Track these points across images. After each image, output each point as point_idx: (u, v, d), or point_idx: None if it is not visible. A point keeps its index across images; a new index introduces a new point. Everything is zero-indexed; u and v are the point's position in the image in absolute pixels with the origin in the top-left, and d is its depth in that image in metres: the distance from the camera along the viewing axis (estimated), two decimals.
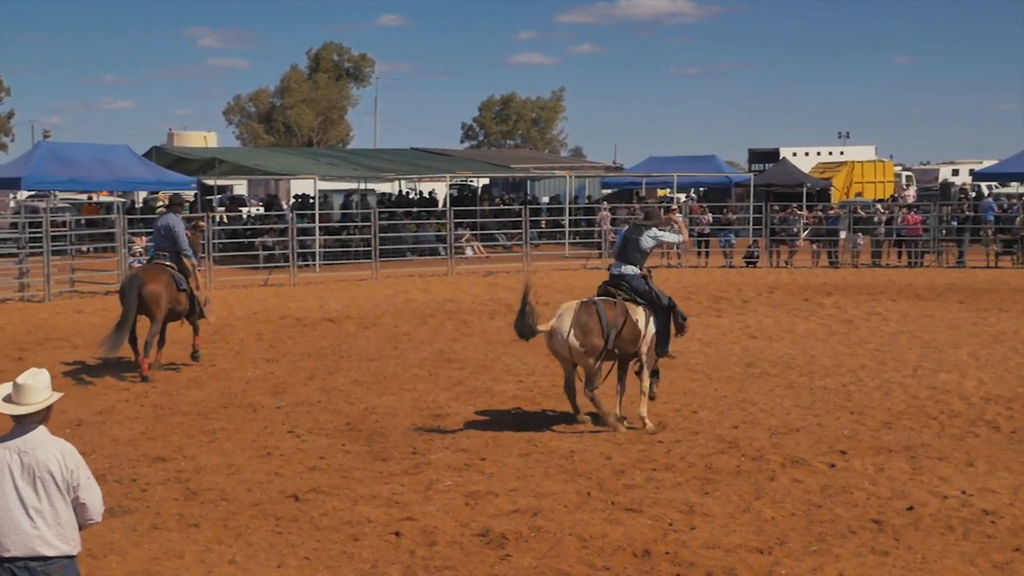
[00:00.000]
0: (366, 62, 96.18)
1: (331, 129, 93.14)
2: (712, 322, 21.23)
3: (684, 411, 13.38)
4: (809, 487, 10.11)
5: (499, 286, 27.51)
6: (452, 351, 18.05)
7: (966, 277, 29.32)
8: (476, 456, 11.30)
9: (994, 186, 51.68)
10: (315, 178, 35.16)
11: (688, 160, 49.84)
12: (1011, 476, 10.40)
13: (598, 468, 10.79)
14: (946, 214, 35.50)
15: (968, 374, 15.57)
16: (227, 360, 17.28)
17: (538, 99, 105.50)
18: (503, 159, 56.35)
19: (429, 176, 43.76)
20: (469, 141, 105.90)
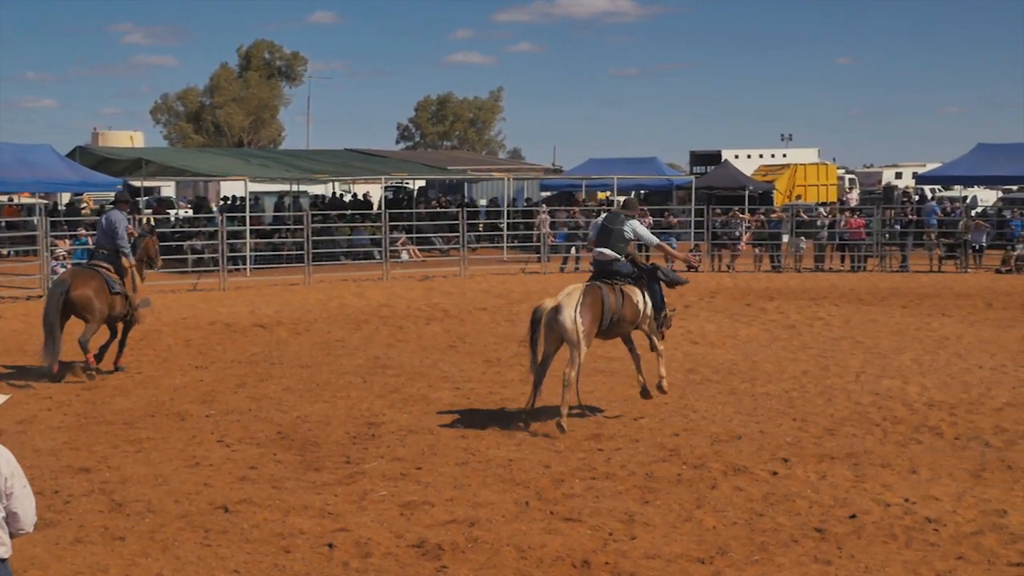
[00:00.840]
0: (298, 60, 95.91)
1: (262, 129, 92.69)
2: None
3: (625, 418, 13.43)
4: (751, 495, 10.18)
5: (435, 291, 27.50)
6: (387, 357, 18.01)
7: (909, 281, 29.70)
8: (412, 465, 11.28)
9: (937, 189, 52.37)
10: (246, 179, 34.93)
11: (628, 162, 50.12)
12: (954, 483, 10.54)
13: (537, 477, 10.81)
14: (889, 218, 35.94)
15: (911, 380, 15.76)
16: (154, 367, 17.12)
17: (475, 99, 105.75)
18: (440, 160, 56.31)
19: (363, 178, 43.64)
20: (405, 142, 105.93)
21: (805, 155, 68.09)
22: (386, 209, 34.87)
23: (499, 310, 24.11)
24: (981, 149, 40.64)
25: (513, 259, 35.11)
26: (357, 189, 50.66)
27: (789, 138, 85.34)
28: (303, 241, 29.88)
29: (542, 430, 12.72)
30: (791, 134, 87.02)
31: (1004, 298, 25.89)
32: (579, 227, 35.07)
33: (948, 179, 44.36)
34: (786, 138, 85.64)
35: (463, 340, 19.89)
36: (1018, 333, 20.29)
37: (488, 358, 17.89)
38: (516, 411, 13.55)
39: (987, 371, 16.47)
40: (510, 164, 69.03)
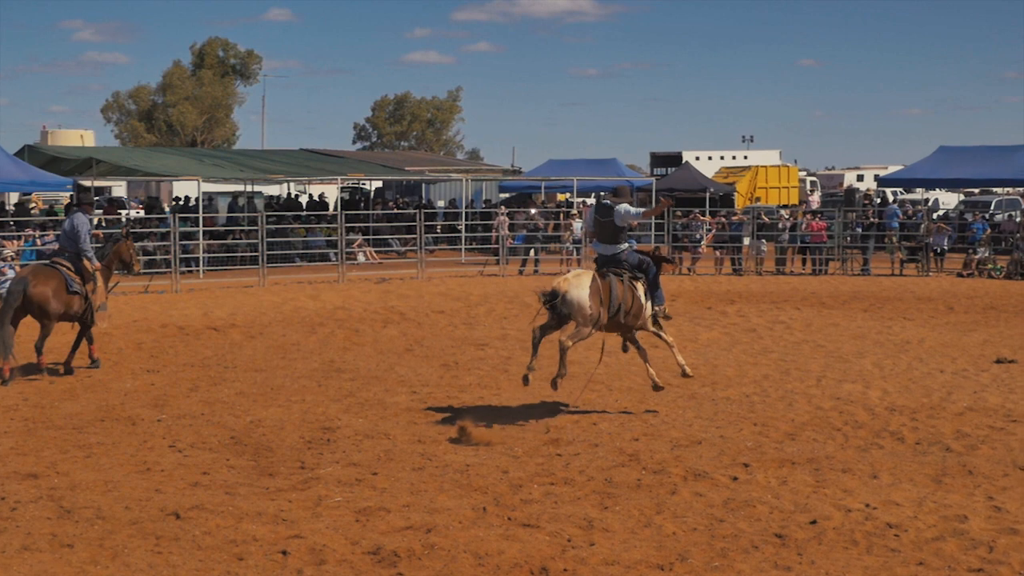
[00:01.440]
0: (253, 59, 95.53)
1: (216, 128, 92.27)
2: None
3: (583, 423, 13.45)
4: (711, 501, 10.22)
5: (392, 293, 27.46)
6: (343, 361, 17.96)
7: (871, 285, 29.92)
8: (367, 471, 11.25)
9: (899, 192, 52.81)
10: (199, 180, 34.75)
11: (588, 164, 50.29)
12: (915, 488, 10.62)
13: (495, 482, 10.80)
14: (851, 220, 36.19)
15: (873, 384, 15.87)
16: (105, 370, 17.00)
17: (433, 99, 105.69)
18: (397, 161, 56.22)
19: (319, 178, 43.49)
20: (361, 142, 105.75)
21: (767, 157, 68.50)
22: (342, 210, 34.77)
23: (457, 313, 24.10)
24: (943, 152, 40.99)
25: (471, 261, 35.13)
26: (313, 190, 50.51)
27: (751, 140, 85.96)
28: (257, 243, 29.76)
29: (498, 438, 12.73)
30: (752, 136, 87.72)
31: (966, 301, 26.12)
32: (538, 229, 35.12)
33: (910, 182, 44.74)
34: (747, 140, 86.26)
35: (420, 343, 19.86)
36: (979, 337, 20.47)
37: (446, 362, 17.88)
38: (475, 417, 13.55)
39: (948, 375, 16.61)
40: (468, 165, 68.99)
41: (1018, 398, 14.81)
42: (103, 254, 17.42)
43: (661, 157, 67.56)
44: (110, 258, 17.46)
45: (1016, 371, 16.90)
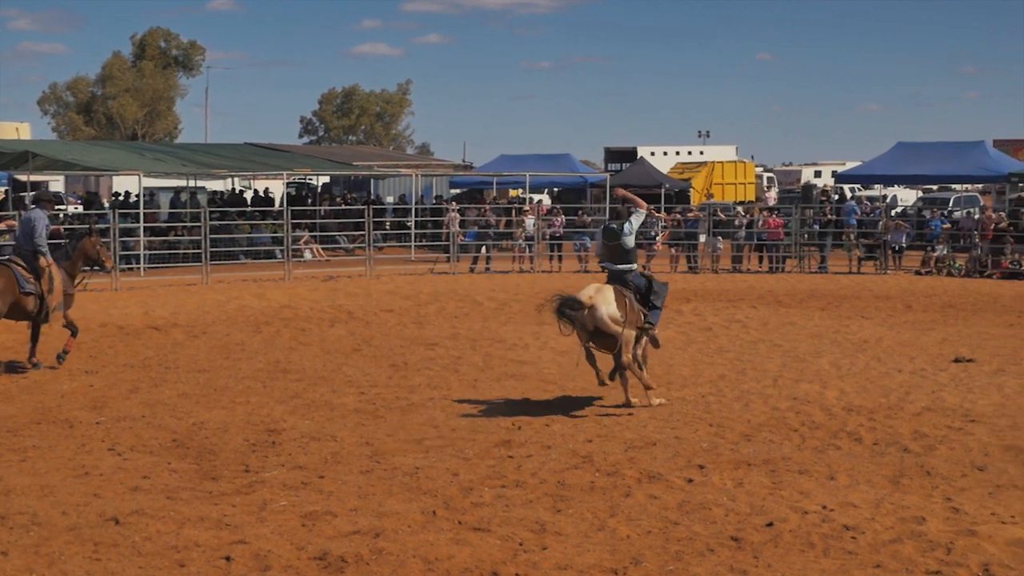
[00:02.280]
0: (196, 50, 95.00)
1: (157, 121, 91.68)
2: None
3: (536, 424, 13.46)
4: (666, 503, 10.25)
5: (340, 291, 27.38)
6: (289, 361, 17.90)
7: (828, 283, 30.12)
8: (314, 474, 11.21)
9: (857, 189, 53.22)
10: (139, 174, 34.53)
11: (541, 159, 50.41)
12: (872, 490, 10.69)
13: (445, 485, 10.79)
14: (808, 217, 36.43)
15: (830, 384, 15.98)
16: (41, 371, 16.85)
17: (382, 92, 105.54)
18: (345, 156, 56.12)
19: (264, 173, 43.36)
20: (308, 136, 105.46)
21: (723, 153, 68.79)
22: (288, 206, 34.66)
23: (406, 312, 24.07)
24: (901, 148, 41.44)
25: (421, 259, 35.07)
26: (258, 185, 50.27)
27: (707, 135, 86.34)
28: (200, 239, 29.60)
29: (448, 440, 12.72)
30: (709, 131, 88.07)
31: (924, 300, 26.36)
32: (489, 226, 35.13)
33: (868, 178, 45.16)
34: (703, 135, 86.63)
35: (369, 343, 19.82)
36: (938, 336, 20.66)
37: (395, 362, 17.85)
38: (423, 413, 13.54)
39: (906, 375, 16.74)
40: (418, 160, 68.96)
41: (976, 398, 14.95)
42: (68, 251, 17.41)
43: (615, 152, 67.68)
44: (75, 255, 17.41)
45: (974, 370, 17.07)
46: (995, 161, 40.24)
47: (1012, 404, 14.57)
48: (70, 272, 17.31)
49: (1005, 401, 14.77)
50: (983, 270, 32.06)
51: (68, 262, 17.27)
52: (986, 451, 12.17)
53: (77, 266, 17.50)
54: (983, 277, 31.50)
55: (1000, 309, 24.81)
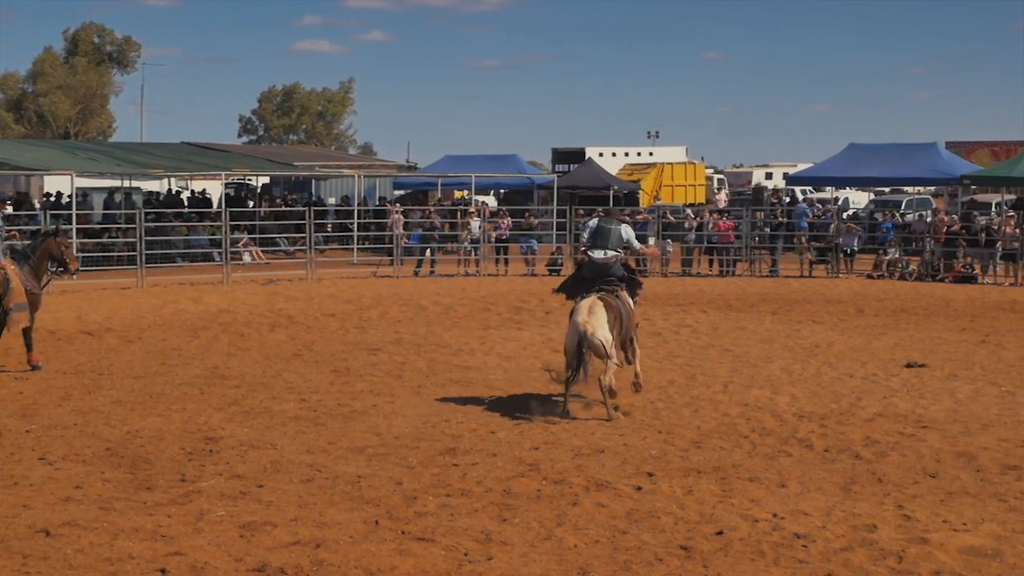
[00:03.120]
0: (131, 46, 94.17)
1: (91, 120, 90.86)
2: (512, 335, 21.45)
3: (481, 431, 13.46)
4: (614, 512, 10.28)
5: (280, 295, 27.27)
6: (227, 367, 17.80)
7: (779, 287, 30.32)
8: (253, 483, 11.16)
9: (808, 191, 53.59)
10: (72, 174, 34.20)
11: (487, 160, 50.34)
12: (823, 497, 10.77)
13: (387, 494, 10.77)
14: (759, 220, 36.65)
15: (781, 390, 16.08)
16: None
17: (324, 91, 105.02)
18: (285, 156, 55.85)
19: (202, 174, 43.10)
20: (247, 135, 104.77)
21: (672, 154, 69.05)
22: (226, 207, 34.46)
23: (349, 316, 24.01)
24: (853, 149, 41.71)
25: (364, 262, 35.00)
26: (195, 185, 49.95)
27: (656, 136, 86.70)
28: (135, 241, 29.39)
29: (392, 447, 12.71)
30: (658, 132, 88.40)
31: (876, 304, 26.59)
32: (434, 228, 35.09)
33: (819, 180, 45.48)
34: (653, 136, 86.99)
35: (309, 348, 19.76)
36: (890, 340, 20.84)
37: (336, 367, 17.80)
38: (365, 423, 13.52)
39: (858, 380, 16.89)
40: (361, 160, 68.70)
41: (928, 403, 15.10)
42: (30, 252, 17.39)
43: (563, 153, 67.78)
44: (39, 256, 17.44)
45: (927, 376, 17.24)
46: (947, 163, 40.60)
47: (964, 410, 14.73)
48: (34, 273, 17.34)
49: (957, 407, 14.93)
50: (935, 274, 32.38)
51: (31, 263, 17.29)
52: (938, 458, 12.29)
53: (42, 267, 17.54)
54: (935, 281, 31.82)
55: (952, 313, 25.07)
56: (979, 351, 19.67)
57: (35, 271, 17.34)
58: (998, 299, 27.69)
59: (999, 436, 13.23)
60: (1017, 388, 16.23)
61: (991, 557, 9.10)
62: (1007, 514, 10.25)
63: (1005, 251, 32.28)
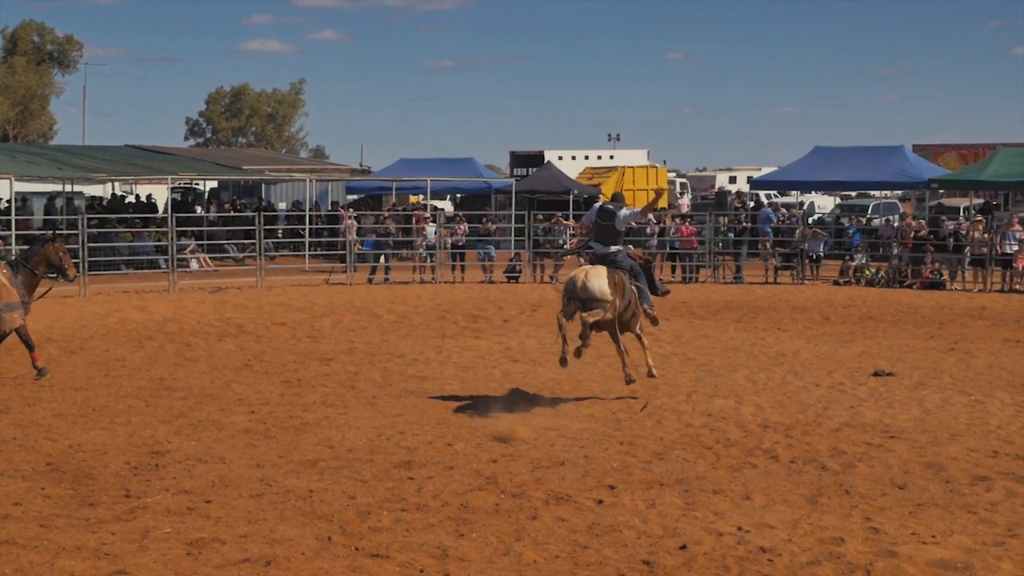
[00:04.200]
0: (72, 45, 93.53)
1: (30, 122, 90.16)
2: (470, 344, 21.44)
3: (437, 443, 13.45)
4: (575, 526, 10.28)
5: (229, 304, 27.15)
6: (173, 378, 17.72)
7: (744, 294, 30.44)
8: (200, 498, 11.11)
9: (773, 195, 53.87)
10: (11, 178, 33.94)
11: (443, 163, 50.41)
12: (789, 510, 10.82)
13: (341, 509, 10.74)
14: (723, 225, 36.79)
15: (745, 399, 16.15)
16: None
17: (274, 92, 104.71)
18: (234, 159, 55.69)
19: (147, 178, 42.85)
20: (194, 138, 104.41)
21: (634, 157, 69.13)
22: (173, 213, 34.27)
23: (300, 325, 23.94)
24: (818, 152, 42.03)
25: (316, 269, 34.91)
26: (140, 190, 49.68)
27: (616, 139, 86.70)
28: (78, 248, 29.17)
29: (345, 460, 12.67)
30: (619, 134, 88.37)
31: (842, 311, 26.73)
32: (388, 234, 35.02)
33: (784, 184, 45.80)
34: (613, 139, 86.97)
35: (259, 358, 19.69)
36: (856, 348, 20.96)
37: (287, 378, 17.75)
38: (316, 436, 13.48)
39: (824, 389, 16.97)
40: (313, 164, 68.58)
41: (896, 413, 15.20)
42: (28, 257, 17.58)
43: (521, 156, 67.77)
44: (36, 262, 17.65)
45: (894, 384, 17.35)
46: (915, 167, 40.97)
47: (933, 419, 14.83)
48: (29, 280, 17.53)
49: (926, 416, 15.03)
50: (903, 280, 32.58)
51: (27, 269, 17.46)
52: (906, 468, 12.37)
53: (39, 273, 17.73)
54: (903, 287, 32.02)
55: (920, 320, 25.25)
56: (948, 359, 19.81)
57: (30, 279, 17.60)
58: (967, 306, 27.90)
59: (968, 446, 13.33)
60: (986, 397, 16.36)
61: (961, 570, 9.17)
62: (977, 526, 10.33)
63: (973, 257, 32.51)
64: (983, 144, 60.56)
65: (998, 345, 21.56)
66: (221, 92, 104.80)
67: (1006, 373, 18.39)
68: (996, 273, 31.84)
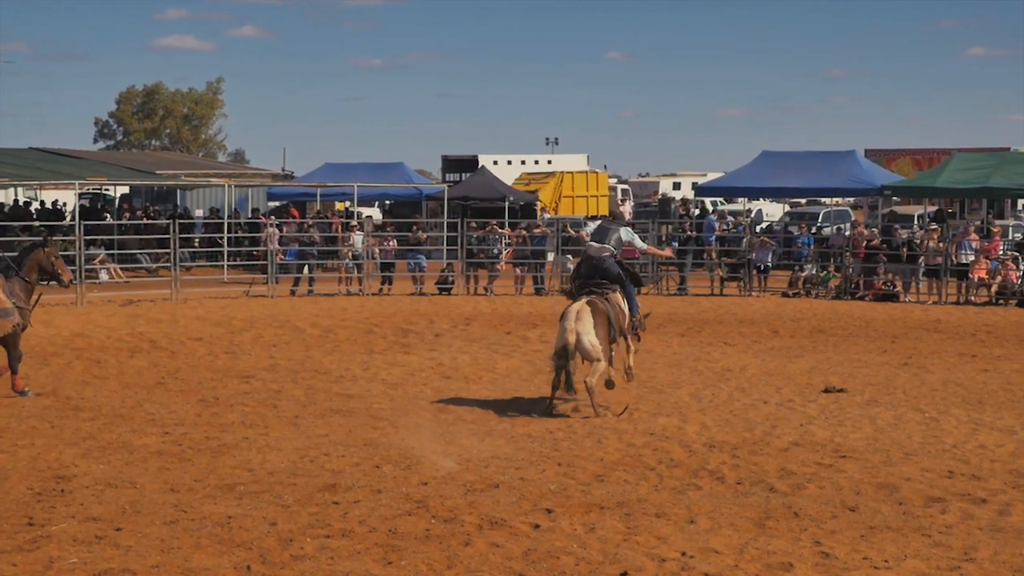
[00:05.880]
0: None
1: None
2: (399, 360, 21.41)
3: (364, 465, 13.41)
4: (510, 552, 10.28)
5: (141, 317, 26.97)
6: (81, 397, 17.57)
7: (688, 306, 30.58)
8: (110, 526, 11.01)
9: (719, 202, 54.22)
10: None
11: (371, 168, 50.36)
12: (736, 534, 10.87)
13: (260, 536, 10.69)
14: (666, 234, 36.96)
15: (690, 418, 16.21)
16: None
17: (190, 91, 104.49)
18: (147, 163, 55.39)
19: (53, 183, 42.61)
20: (104, 141, 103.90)
21: (573, 162, 69.40)
22: (81, 220, 34.02)
23: (218, 340, 23.81)
24: (766, 157, 42.34)
25: (235, 280, 34.75)
26: (46, 196, 49.32)
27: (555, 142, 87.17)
28: None
29: (265, 484, 12.61)
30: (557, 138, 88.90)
31: (791, 324, 26.92)
32: (313, 243, 34.91)
33: (731, 191, 46.04)
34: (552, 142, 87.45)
35: (174, 376, 19.56)
36: (806, 364, 21.11)
37: (204, 397, 17.64)
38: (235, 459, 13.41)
39: (773, 407, 17.08)
40: (232, 169, 68.36)
41: (848, 431, 15.32)
42: (19, 263, 17.65)
43: (454, 161, 67.87)
44: (28, 268, 17.73)
45: (846, 401, 17.48)
46: (867, 172, 41.36)
47: (886, 438, 14.96)
48: (24, 288, 17.62)
49: (878, 435, 15.16)
50: (855, 291, 32.85)
51: (18, 276, 17.54)
52: (858, 490, 12.47)
53: (32, 280, 17.83)
54: (855, 299, 32.28)
55: (873, 334, 25.47)
56: (901, 374, 20.00)
57: (21, 284, 17.70)
58: (921, 318, 28.18)
59: (923, 466, 13.46)
60: (941, 414, 16.52)
61: None
62: (931, 550, 10.42)
63: (928, 267, 32.82)
64: (938, 149, 61.46)
65: (953, 360, 21.79)
66: (133, 92, 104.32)
67: (961, 389, 18.59)
68: (951, 284, 32.16)
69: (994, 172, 37.46)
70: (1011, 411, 16.84)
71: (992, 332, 25.73)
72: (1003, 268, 31.70)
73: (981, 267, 31.94)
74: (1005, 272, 31.61)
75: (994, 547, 10.50)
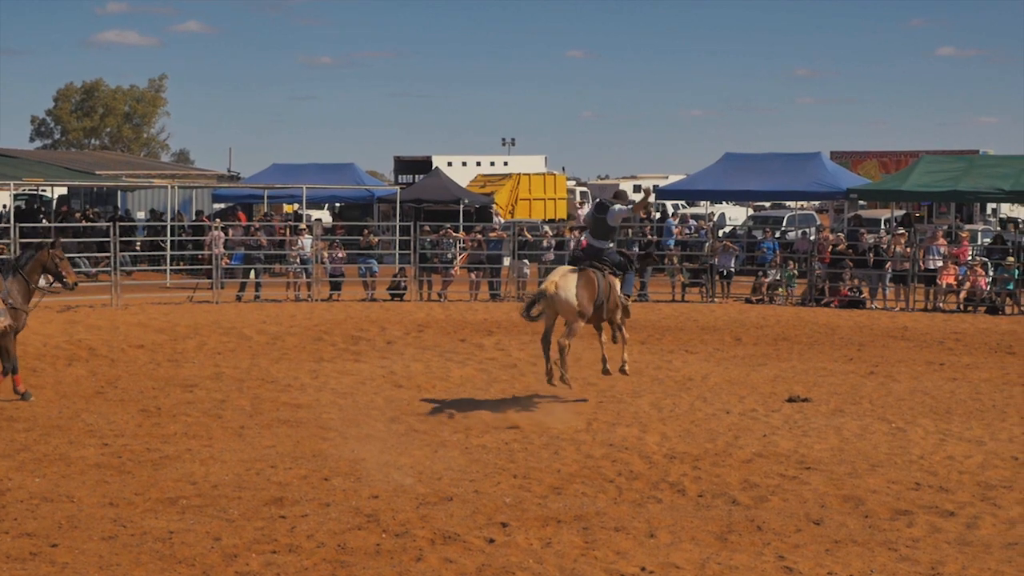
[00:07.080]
0: None
1: None
2: (349, 368, 21.36)
3: (313, 478, 13.38)
4: (464, 568, 10.28)
5: (79, 324, 26.82)
6: (15, 407, 17.45)
7: (648, 313, 30.60)
8: (45, 542, 10.95)
9: (681, 205, 54.36)
10: None
11: (321, 169, 50.26)
12: (697, 548, 10.90)
13: (204, 552, 10.65)
14: (627, 238, 37.01)
15: (650, 428, 16.25)
16: None
17: (132, 89, 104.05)
18: (86, 163, 55.13)
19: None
20: (41, 140, 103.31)
21: (530, 164, 69.62)
22: (16, 223, 33.80)
23: (160, 348, 23.70)
24: (730, 159, 42.47)
25: (178, 285, 34.59)
26: None
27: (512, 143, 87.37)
28: None
29: (209, 498, 12.57)
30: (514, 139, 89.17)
31: (755, 332, 27.00)
32: (260, 247, 34.79)
33: (693, 194, 46.21)
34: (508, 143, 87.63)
35: (114, 385, 19.45)
36: (770, 372, 21.19)
37: (145, 407, 17.56)
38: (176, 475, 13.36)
39: (735, 416, 17.14)
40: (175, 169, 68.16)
41: (812, 442, 15.39)
42: (22, 263, 17.79)
43: (407, 162, 67.95)
44: (30, 268, 17.85)
45: (810, 411, 17.56)
46: (833, 175, 41.53)
47: (851, 448, 15.03)
48: (24, 287, 17.72)
49: (844, 445, 15.23)
50: (820, 298, 32.96)
51: (20, 276, 17.67)
52: (822, 502, 12.53)
53: (33, 281, 17.90)
54: (820, 305, 32.39)
55: (838, 341, 25.58)
56: (867, 383, 20.10)
57: (24, 285, 17.76)
58: (887, 325, 28.33)
59: (889, 478, 13.53)
60: (908, 424, 16.62)
61: None
62: (897, 564, 10.49)
63: (895, 272, 32.95)
64: (905, 151, 61.74)
65: (921, 368, 21.91)
66: (72, 88, 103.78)
67: (929, 399, 18.70)
68: (919, 290, 32.35)
69: (963, 175, 37.70)
70: (979, 421, 16.95)
71: (960, 340, 25.88)
72: (972, 274, 31.84)
73: (949, 273, 32.13)
74: (974, 278, 31.75)
75: (962, 561, 10.58)
